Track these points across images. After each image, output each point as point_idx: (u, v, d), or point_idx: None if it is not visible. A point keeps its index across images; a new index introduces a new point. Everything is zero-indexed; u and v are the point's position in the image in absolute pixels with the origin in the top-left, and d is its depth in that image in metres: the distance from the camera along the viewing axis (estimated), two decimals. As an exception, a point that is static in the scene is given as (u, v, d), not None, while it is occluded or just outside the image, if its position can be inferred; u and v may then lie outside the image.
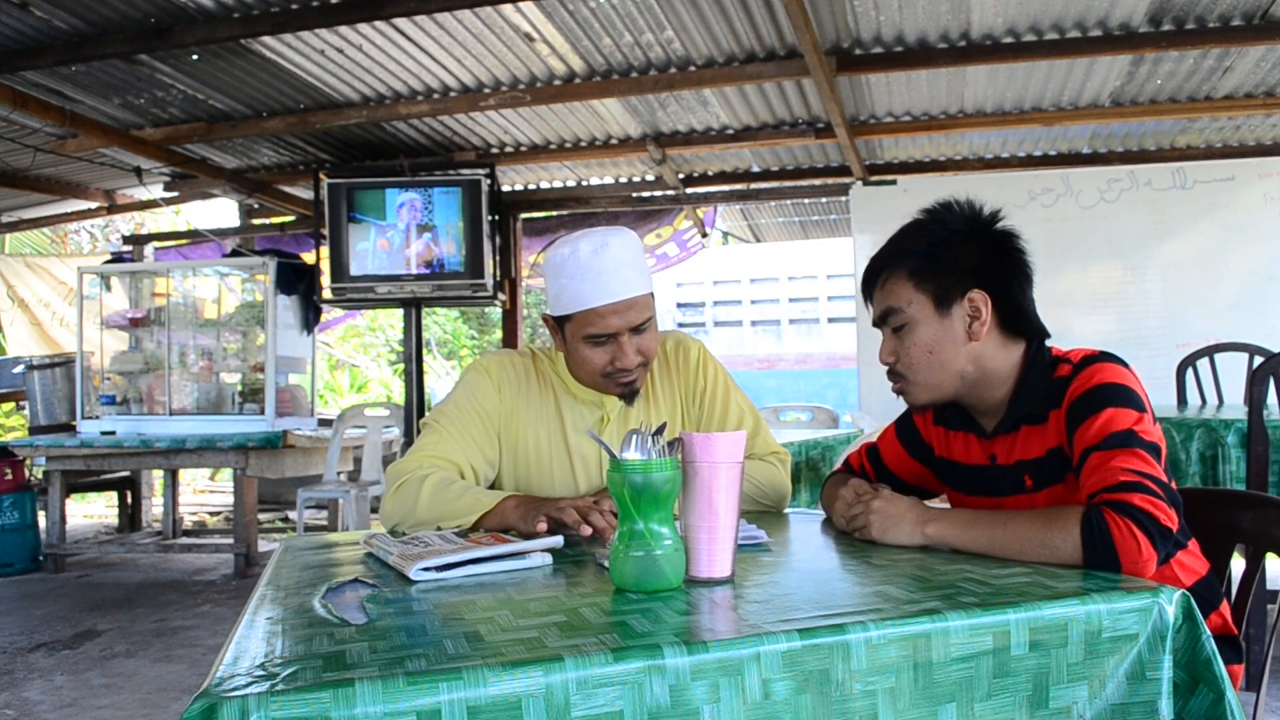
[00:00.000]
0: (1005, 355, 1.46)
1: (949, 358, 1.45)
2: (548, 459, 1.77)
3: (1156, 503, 1.23)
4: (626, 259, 1.64)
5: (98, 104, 4.73)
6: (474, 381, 1.77)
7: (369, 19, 3.65)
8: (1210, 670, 1.05)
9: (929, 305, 1.45)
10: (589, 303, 1.62)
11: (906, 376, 1.49)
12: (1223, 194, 5.38)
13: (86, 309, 6.12)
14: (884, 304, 1.49)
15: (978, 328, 1.44)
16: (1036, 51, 4.12)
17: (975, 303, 1.43)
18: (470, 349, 13.06)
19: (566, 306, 1.65)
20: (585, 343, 1.67)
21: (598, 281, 1.61)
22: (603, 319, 1.63)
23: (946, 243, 1.45)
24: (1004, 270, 1.45)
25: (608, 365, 1.68)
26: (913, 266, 1.46)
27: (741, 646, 0.92)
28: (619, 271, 1.62)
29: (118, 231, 11.14)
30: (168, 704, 3.15)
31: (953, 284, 1.44)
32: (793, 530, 1.59)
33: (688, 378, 1.83)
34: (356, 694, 0.82)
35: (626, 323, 1.64)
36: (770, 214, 8.81)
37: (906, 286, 1.46)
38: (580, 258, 1.62)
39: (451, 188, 5.44)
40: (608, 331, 1.64)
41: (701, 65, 4.42)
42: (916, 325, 1.46)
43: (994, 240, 1.46)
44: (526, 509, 1.51)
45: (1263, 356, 3.80)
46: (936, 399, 1.50)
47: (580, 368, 1.72)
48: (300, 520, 5.31)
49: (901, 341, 1.48)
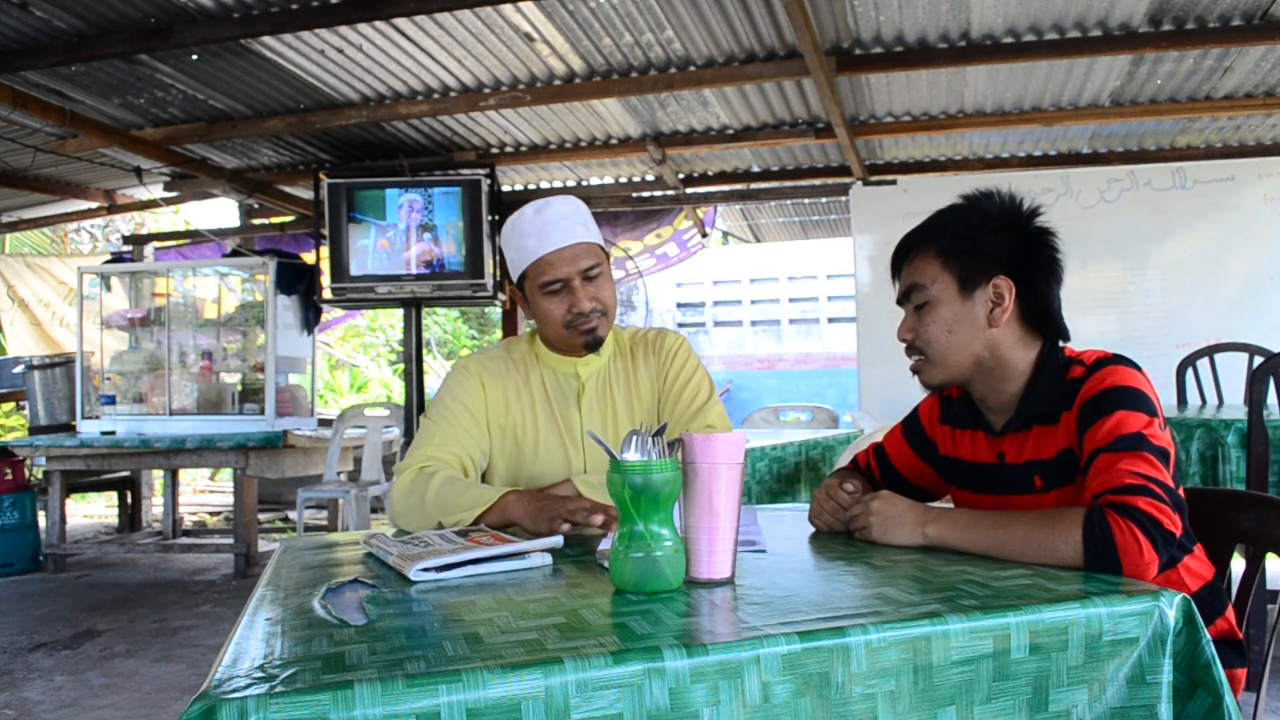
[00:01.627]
0: (1022, 349, 1.47)
1: (967, 340, 1.46)
2: (532, 434, 1.85)
3: (1160, 507, 1.23)
4: (567, 212, 1.78)
5: (98, 104, 4.73)
6: (457, 379, 1.87)
7: (369, 19, 3.65)
8: (1210, 675, 1.05)
9: (953, 285, 1.46)
10: (536, 253, 1.76)
11: (924, 354, 1.50)
12: (1223, 194, 5.38)
13: (86, 309, 6.12)
14: (909, 280, 1.50)
15: (998, 314, 1.44)
16: (1036, 51, 4.12)
17: (999, 289, 1.44)
18: (470, 349, 13.06)
19: (520, 265, 1.80)
20: (542, 295, 1.78)
21: (542, 234, 1.75)
22: (552, 267, 1.75)
23: (980, 227, 1.46)
24: (1033, 263, 1.45)
25: (566, 314, 1.78)
26: (942, 245, 1.47)
27: (741, 649, 0.92)
28: (560, 223, 1.76)
29: (118, 231, 11.14)
30: (168, 704, 3.15)
31: (980, 267, 1.44)
32: (792, 531, 1.59)
33: (661, 360, 1.93)
34: (356, 696, 0.82)
35: (576, 268, 1.76)
36: (770, 214, 8.80)
37: (934, 264, 1.47)
38: (525, 218, 1.78)
39: (451, 188, 5.43)
40: (558, 277, 1.76)
41: (701, 65, 4.42)
42: (938, 304, 1.47)
43: (1029, 233, 1.47)
44: (532, 505, 1.55)
45: (1263, 356, 3.80)
46: (950, 379, 1.51)
47: (545, 323, 1.83)
48: (300, 520, 5.32)
49: (921, 319, 1.49)
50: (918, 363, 1.52)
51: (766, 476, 3.29)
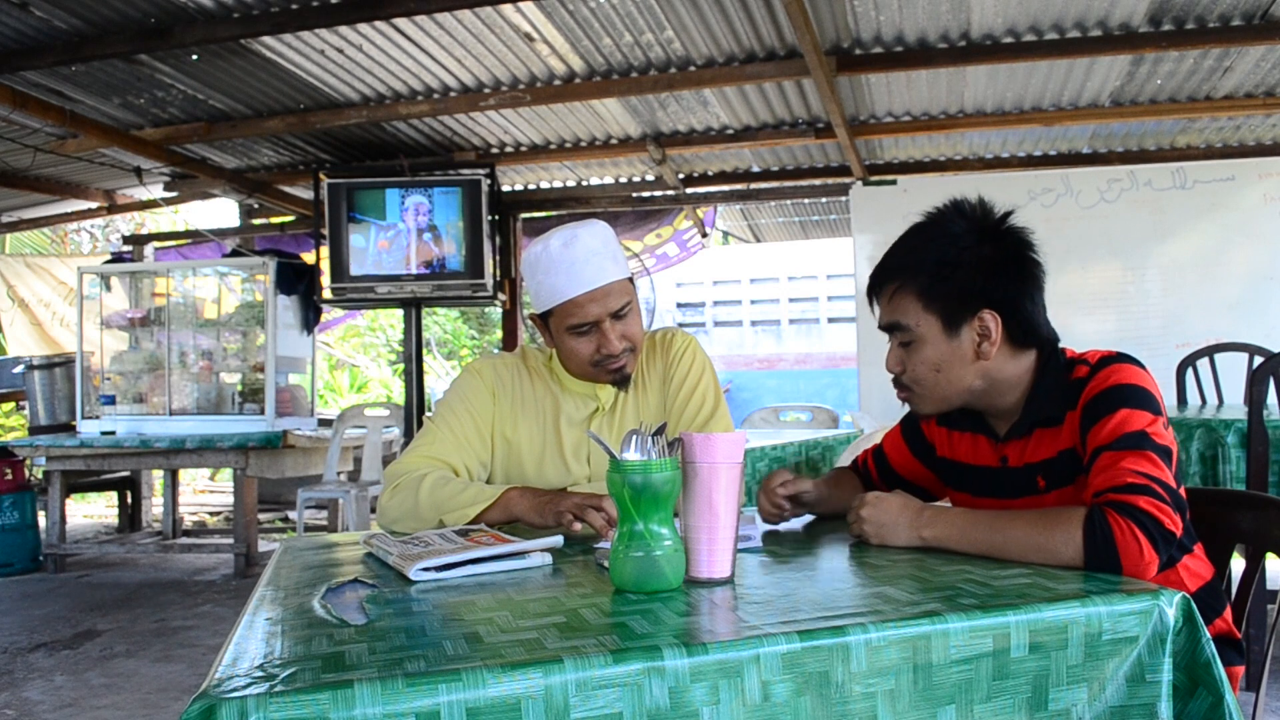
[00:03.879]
0: (1015, 365, 1.44)
1: (956, 376, 1.43)
2: (539, 454, 1.80)
3: (1161, 506, 1.23)
4: (596, 247, 1.67)
5: (98, 104, 4.73)
6: (468, 384, 1.81)
7: (369, 19, 3.65)
8: (1210, 673, 1.05)
9: (937, 325, 1.42)
10: (565, 294, 1.66)
11: (912, 390, 1.48)
12: (1223, 194, 5.38)
13: (86, 309, 6.12)
14: (891, 317, 1.47)
15: (987, 348, 1.41)
16: (1036, 51, 4.12)
17: (985, 323, 1.40)
18: (470, 349, 13.06)
19: (546, 302, 1.70)
20: (570, 334, 1.71)
21: (570, 272, 1.65)
22: (581, 308, 1.67)
23: (955, 261, 1.41)
24: (1014, 285, 1.42)
25: (595, 354, 1.71)
26: (921, 286, 1.42)
27: (741, 648, 0.92)
28: (590, 260, 1.66)
29: (118, 231, 11.14)
30: (168, 704, 3.15)
31: (963, 305, 1.40)
32: (792, 531, 1.59)
33: (668, 363, 1.86)
34: (356, 695, 0.82)
35: (605, 309, 1.68)
36: (770, 214, 8.80)
37: (915, 306, 1.43)
38: (552, 253, 1.66)
39: (451, 188, 5.43)
40: (588, 320, 1.68)
41: (701, 65, 4.42)
42: (924, 344, 1.43)
43: (1004, 250, 1.42)
44: (537, 500, 1.54)
45: (1263, 356, 3.80)
46: (943, 410, 1.50)
47: (570, 360, 1.76)
48: (300, 520, 5.31)
49: (909, 356, 1.46)
50: (908, 395, 1.50)
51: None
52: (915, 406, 1.51)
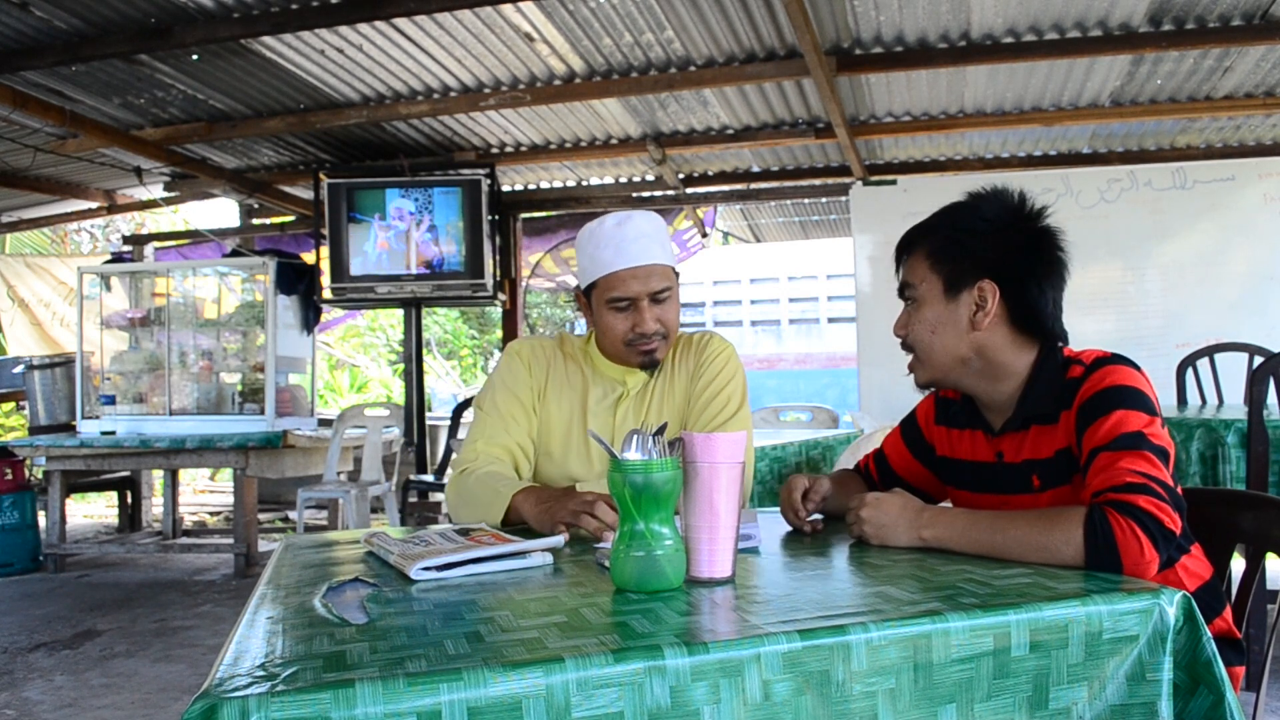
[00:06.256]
0: (1015, 352, 1.47)
1: (950, 342, 1.47)
2: (565, 432, 1.85)
3: (1160, 505, 1.23)
4: (648, 230, 1.75)
5: (98, 104, 4.73)
6: (507, 365, 1.88)
7: (369, 19, 3.65)
8: (1210, 672, 1.05)
9: (939, 287, 1.47)
10: (610, 267, 1.73)
11: (914, 351, 1.52)
12: (1223, 194, 5.38)
13: (86, 309, 6.12)
14: (905, 277, 1.53)
15: (980, 318, 1.45)
16: (1036, 51, 4.12)
17: (983, 292, 1.44)
18: (470, 349, 13.06)
19: (591, 275, 1.77)
20: (608, 309, 1.76)
21: (619, 248, 1.73)
22: (623, 283, 1.73)
23: (971, 230, 1.46)
24: (1023, 268, 1.45)
25: (629, 332, 1.76)
26: (932, 247, 1.49)
27: (742, 647, 0.92)
28: (639, 240, 1.73)
29: (118, 231, 11.14)
30: (168, 704, 3.15)
31: (965, 270, 1.45)
32: (792, 531, 1.59)
33: (700, 362, 1.88)
34: (357, 695, 0.82)
35: (646, 288, 1.73)
36: (770, 214, 8.80)
37: (923, 265, 1.49)
38: (605, 229, 1.75)
39: (451, 188, 5.44)
40: (628, 295, 1.73)
41: (701, 65, 4.42)
42: (924, 304, 1.49)
43: (1028, 236, 1.46)
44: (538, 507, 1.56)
45: (1263, 356, 3.80)
46: (936, 380, 1.53)
47: (605, 336, 1.81)
48: (300, 520, 5.31)
49: (911, 317, 1.51)
50: (911, 361, 1.54)
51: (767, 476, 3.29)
52: (915, 373, 1.55)
